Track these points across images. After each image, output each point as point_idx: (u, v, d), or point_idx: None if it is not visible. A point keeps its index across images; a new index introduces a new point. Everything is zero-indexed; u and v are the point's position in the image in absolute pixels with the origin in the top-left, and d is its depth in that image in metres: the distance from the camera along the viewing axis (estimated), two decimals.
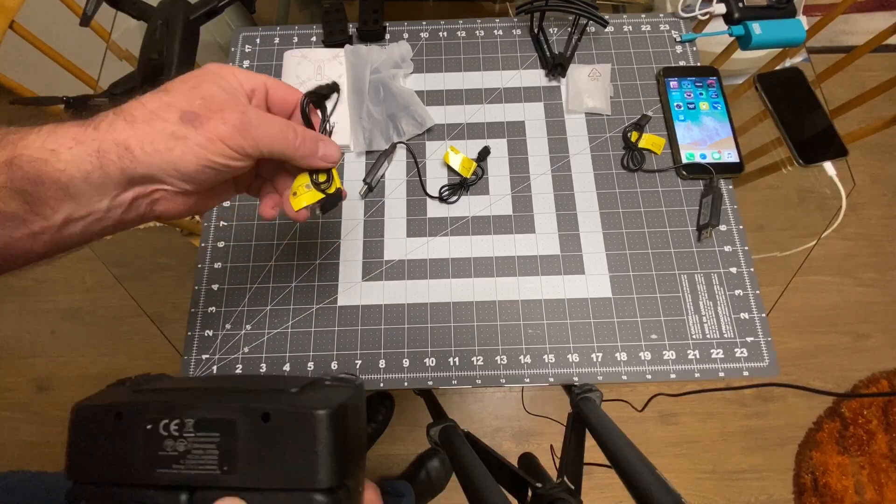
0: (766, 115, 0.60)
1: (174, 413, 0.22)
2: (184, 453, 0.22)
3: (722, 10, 0.60)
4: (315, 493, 0.21)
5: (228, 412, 0.22)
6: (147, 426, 0.22)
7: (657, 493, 0.33)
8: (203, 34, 0.55)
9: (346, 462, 0.22)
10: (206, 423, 0.22)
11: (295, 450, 0.21)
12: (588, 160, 0.57)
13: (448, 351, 0.50)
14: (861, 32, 1.51)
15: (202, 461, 0.22)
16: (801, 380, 1.20)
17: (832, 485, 1.10)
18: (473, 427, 1.19)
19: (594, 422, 0.44)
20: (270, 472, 0.21)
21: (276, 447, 0.21)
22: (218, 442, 0.22)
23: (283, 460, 0.21)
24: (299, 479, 0.21)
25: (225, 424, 0.22)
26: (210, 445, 0.22)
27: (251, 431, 0.22)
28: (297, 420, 0.21)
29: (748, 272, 0.52)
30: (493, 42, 0.63)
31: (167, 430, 0.22)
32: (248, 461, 0.21)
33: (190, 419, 0.22)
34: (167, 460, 0.22)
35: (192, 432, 0.22)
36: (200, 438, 0.22)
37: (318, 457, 0.21)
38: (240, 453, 0.22)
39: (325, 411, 0.22)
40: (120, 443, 0.23)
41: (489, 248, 0.54)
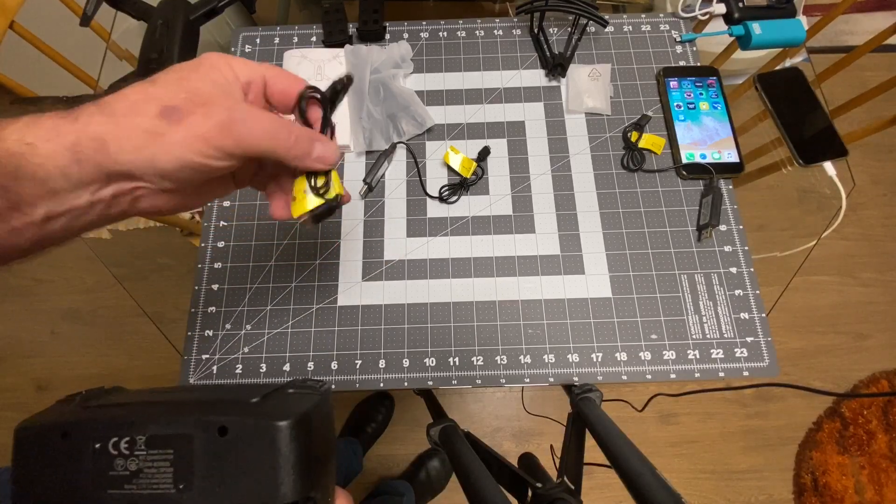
0: (766, 115, 0.60)
1: (124, 430, 0.21)
2: (136, 472, 0.21)
3: (722, 10, 0.60)
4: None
5: (183, 427, 0.21)
6: (95, 445, 0.21)
7: (657, 493, 0.33)
8: (203, 34, 0.55)
9: (310, 474, 0.21)
10: (158, 440, 0.21)
11: (255, 464, 0.20)
12: (588, 160, 0.57)
13: (448, 351, 0.50)
14: (861, 32, 1.51)
15: (155, 480, 0.21)
16: (801, 380, 1.20)
17: (832, 485, 1.10)
18: (473, 427, 1.19)
19: (594, 422, 0.44)
20: (230, 489, 0.20)
21: (235, 462, 0.20)
22: (172, 459, 0.21)
23: (243, 476, 0.20)
24: (261, 494, 0.20)
25: (179, 440, 0.21)
26: (164, 463, 0.21)
27: (207, 446, 0.20)
28: (257, 432, 0.20)
29: (748, 272, 0.52)
30: (493, 42, 0.63)
31: (117, 449, 0.21)
32: (206, 478, 0.20)
33: (141, 436, 0.21)
34: (118, 481, 0.21)
35: (143, 450, 0.21)
36: (153, 456, 0.21)
37: (280, 470, 0.20)
38: (196, 470, 0.20)
39: (286, 422, 0.20)
40: (67, 464, 0.21)
41: (489, 248, 0.54)
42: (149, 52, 0.52)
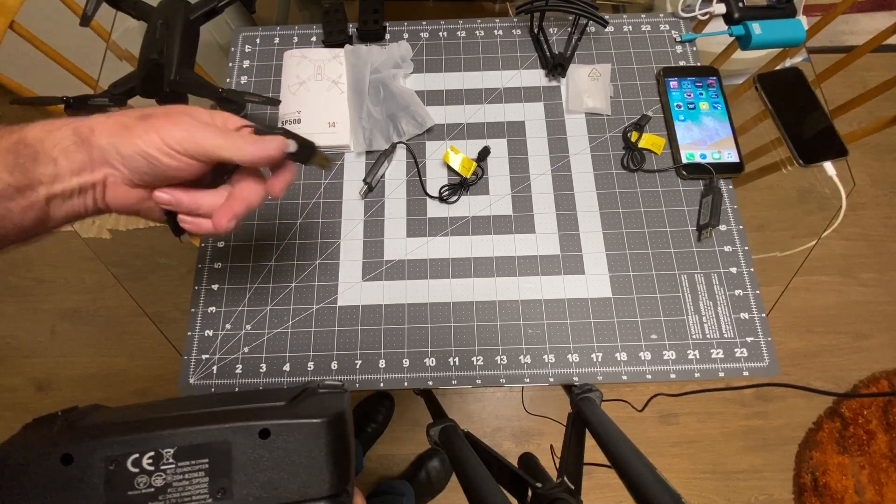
0: (766, 115, 0.60)
1: (145, 445, 0.20)
2: (162, 488, 0.20)
3: (722, 10, 0.60)
4: (321, 501, 0.20)
5: (220, 434, 0.20)
6: (110, 466, 0.20)
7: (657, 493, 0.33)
8: (203, 34, 0.55)
9: (347, 468, 0.22)
10: (189, 451, 0.20)
11: (297, 462, 0.20)
12: (588, 160, 0.57)
13: (448, 351, 0.50)
14: (861, 32, 1.51)
15: (188, 493, 0.20)
16: (801, 380, 1.20)
17: (832, 485, 1.10)
18: (473, 427, 1.19)
19: (594, 422, 0.44)
20: (272, 489, 0.20)
21: (277, 462, 0.20)
22: (207, 468, 0.20)
23: (283, 476, 0.20)
24: (303, 490, 0.20)
25: (215, 448, 0.20)
26: (197, 474, 0.20)
27: (248, 451, 0.20)
28: (299, 432, 0.21)
29: (748, 272, 0.52)
30: (493, 42, 0.63)
31: (138, 466, 0.20)
32: (246, 484, 0.20)
33: (168, 449, 0.20)
34: (141, 499, 0.19)
35: (171, 463, 0.20)
36: (184, 468, 0.20)
37: (324, 465, 0.21)
38: (235, 477, 0.20)
39: (324, 420, 0.21)
40: (72, 492, 0.19)
41: (489, 248, 0.54)
42: (149, 52, 0.52)
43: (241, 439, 0.20)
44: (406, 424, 1.21)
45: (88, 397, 1.25)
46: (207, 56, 0.63)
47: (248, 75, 0.62)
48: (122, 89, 0.54)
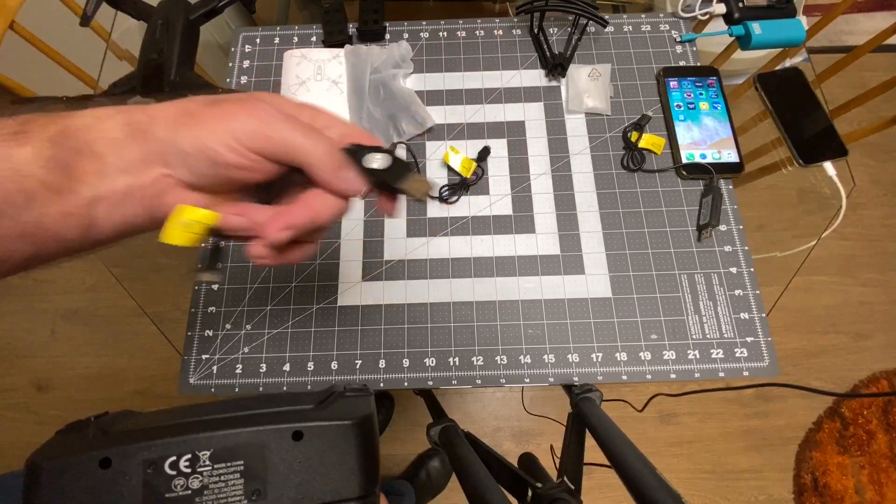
0: (766, 115, 0.60)
1: (182, 448, 0.20)
2: (199, 490, 0.20)
3: (722, 10, 0.60)
4: (352, 501, 0.21)
5: (255, 437, 0.21)
6: (148, 469, 0.20)
7: (657, 493, 0.33)
8: (203, 34, 0.55)
9: (375, 469, 0.22)
10: (226, 453, 0.20)
11: (329, 463, 0.21)
12: (588, 160, 0.57)
13: (448, 351, 0.50)
14: (861, 32, 1.51)
15: (223, 494, 0.20)
16: (801, 380, 1.20)
17: (832, 485, 1.10)
18: (473, 427, 1.19)
19: (594, 422, 0.44)
20: (304, 490, 0.21)
21: (309, 464, 0.21)
22: (242, 470, 0.20)
23: (314, 477, 0.21)
24: (334, 491, 0.21)
25: (250, 450, 0.21)
26: (233, 476, 0.20)
27: (281, 453, 0.21)
28: (331, 434, 0.21)
29: (748, 272, 0.52)
30: (493, 42, 0.63)
31: (175, 468, 0.20)
32: (279, 485, 0.21)
33: (205, 451, 0.20)
34: (179, 501, 0.20)
35: (208, 465, 0.20)
36: (220, 470, 0.20)
37: (354, 466, 0.21)
38: (269, 478, 0.21)
39: (355, 421, 0.22)
40: (110, 495, 0.19)
41: (489, 248, 0.54)
42: (149, 52, 0.52)
43: (275, 441, 0.21)
44: (406, 424, 1.21)
45: (88, 397, 1.25)
46: (207, 56, 0.63)
47: (248, 75, 0.62)
48: (122, 89, 0.54)
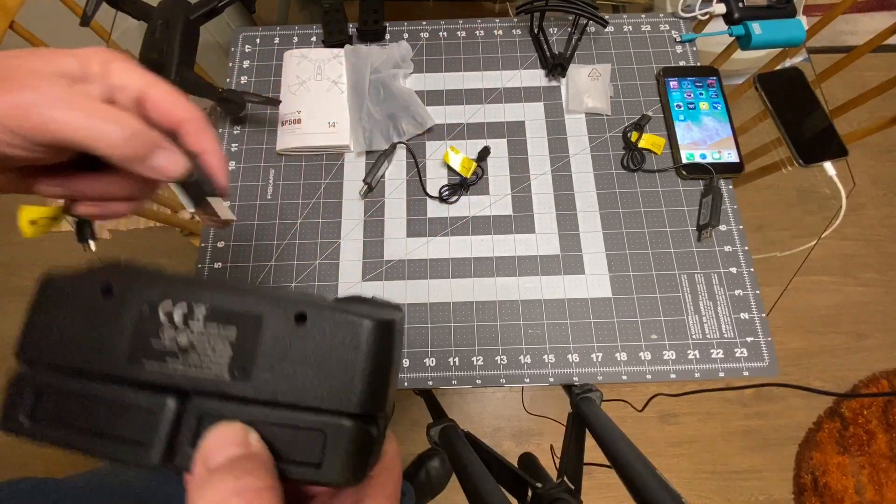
0: (766, 115, 0.60)
1: (183, 294, 0.18)
2: (184, 349, 0.18)
3: (722, 10, 0.60)
4: (345, 417, 0.17)
5: (255, 305, 0.18)
6: (143, 307, 0.18)
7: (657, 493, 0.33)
8: (203, 34, 0.55)
9: (385, 391, 0.18)
10: (222, 314, 0.18)
11: (330, 363, 0.17)
12: (588, 160, 0.57)
13: (448, 351, 0.50)
14: (861, 32, 1.51)
15: (207, 361, 0.18)
16: (801, 380, 1.20)
17: (832, 485, 1.10)
18: (473, 427, 1.19)
19: (594, 422, 0.44)
20: (293, 386, 0.17)
21: (306, 357, 0.18)
22: (234, 340, 0.18)
23: (311, 374, 0.17)
24: (329, 397, 0.17)
25: (247, 320, 0.18)
26: (222, 343, 0.18)
27: (279, 333, 0.18)
28: (340, 328, 0.18)
29: (748, 272, 0.52)
30: (493, 42, 0.63)
31: (169, 317, 0.18)
32: (269, 369, 0.18)
33: (202, 305, 0.18)
34: (160, 354, 0.18)
35: (201, 323, 0.18)
36: (212, 332, 0.18)
37: (359, 375, 0.17)
38: (259, 359, 0.18)
39: (374, 323, 0.18)
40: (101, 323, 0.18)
41: (489, 248, 0.54)
42: (149, 52, 0.52)
43: (274, 316, 0.18)
44: (406, 424, 1.21)
45: None
46: (207, 56, 0.63)
47: (248, 75, 0.62)
48: None
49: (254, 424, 0.17)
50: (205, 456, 0.17)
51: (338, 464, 0.17)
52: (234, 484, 0.15)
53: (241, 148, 0.59)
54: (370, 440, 0.18)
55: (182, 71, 0.51)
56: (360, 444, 0.17)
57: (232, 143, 0.59)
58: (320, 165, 0.58)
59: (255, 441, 0.17)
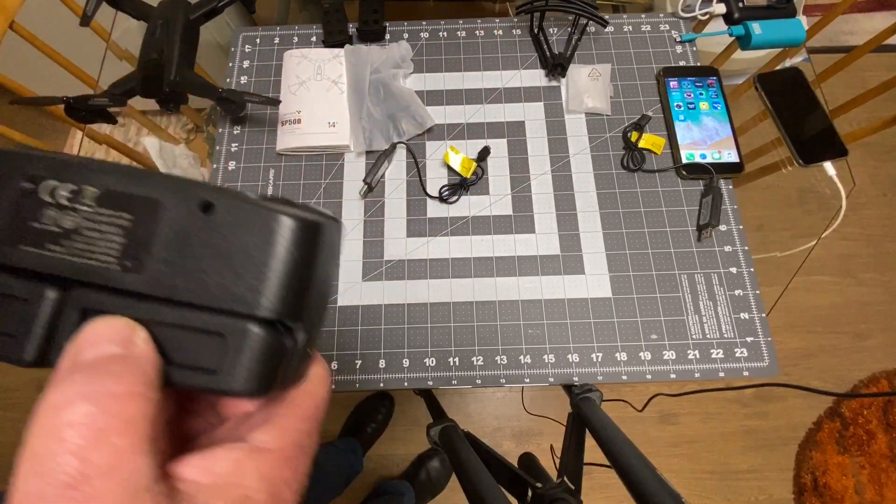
0: (766, 115, 0.60)
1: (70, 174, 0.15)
2: (69, 232, 0.15)
3: (722, 10, 0.60)
4: (252, 321, 0.15)
5: (156, 190, 0.15)
6: (24, 183, 0.16)
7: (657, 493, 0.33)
8: (203, 34, 0.55)
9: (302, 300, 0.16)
10: (117, 199, 0.15)
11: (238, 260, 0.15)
12: (588, 160, 0.57)
13: (448, 351, 0.50)
14: (861, 32, 1.51)
15: (95, 248, 0.15)
16: (801, 380, 1.20)
17: (832, 485, 1.10)
18: (473, 427, 1.19)
19: (594, 422, 0.44)
20: (194, 282, 0.15)
21: (211, 250, 0.15)
22: (128, 227, 0.15)
23: (215, 269, 0.15)
24: (233, 297, 0.15)
25: (144, 205, 0.15)
26: (114, 229, 0.15)
27: (180, 222, 0.15)
28: (253, 222, 0.15)
29: (748, 272, 0.52)
30: (493, 42, 0.63)
31: (53, 196, 0.15)
32: (164, 261, 0.15)
33: (92, 188, 0.15)
34: (40, 237, 0.15)
35: (90, 205, 0.15)
36: (102, 216, 0.15)
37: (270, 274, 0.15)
38: (154, 249, 0.15)
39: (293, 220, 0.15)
40: None
41: (489, 248, 0.54)
42: (149, 52, 0.52)
43: (175, 203, 0.15)
44: (406, 424, 1.20)
45: None
46: (207, 56, 0.63)
47: (248, 75, 0.62)
48: (122, 89, 0.54)
49: (144, 322, 0.15)
50: (75, 350, 0.15)
51: (237, 371, 0.15)
52: (84, 386, 0.13)
53: (241, 148, 0.59)
54: (280, 350, 0.16)
55: (182, 71, 0.51)
56: (265, 352, 0.15)
57: (232, 143, 0.59)
58: (320, 165, 0.58)
59: (141, 341, 0.15)
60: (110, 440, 0.13)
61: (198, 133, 0.71)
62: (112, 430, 0.13)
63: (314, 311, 0.17)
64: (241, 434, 0.16)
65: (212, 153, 0.59)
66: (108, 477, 0.12)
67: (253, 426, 0.16)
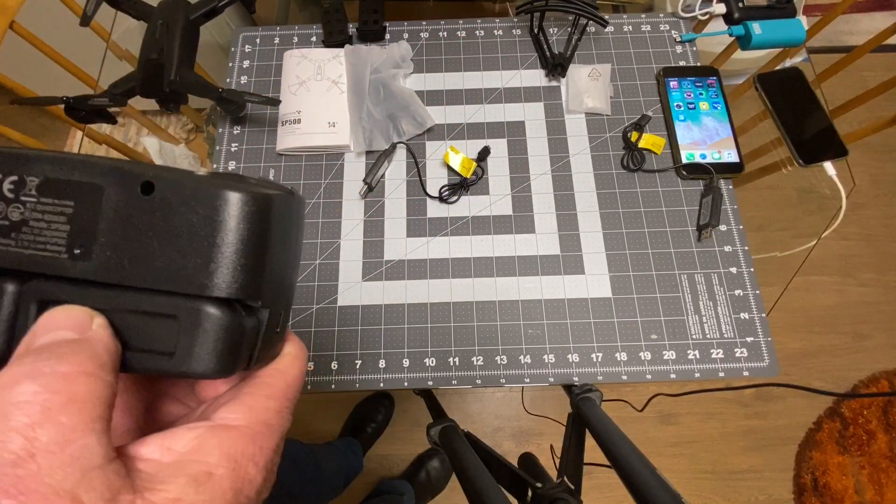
0: (766, 115, 0.60)
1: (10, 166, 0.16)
2: (17, 224, 0.16)
3: (722, 10, 0.60)
4: (206, 301, 0.15)
5: (92, 174, 0.15)
6: None
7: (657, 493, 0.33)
8: (203, 34, 0.55)
9: (259, 276, 0.16)
10: (56, 187, 0.15)
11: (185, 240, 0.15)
12: (588, 160, 0.57)
13: (448, 351, 0.50)
14: (861, 32, 1.51)
15: (42, 238, 0.16)
16: (801, 380, 1.20)
17: (832, 485, 1.10)
18: (473, 427, 1.19)
19: (594, 422, 0.44)
20: (140, 265, 0.15)
21: (157, 233, 0.15)
22: (70, 215, 0.15)
23: (164, 252, 0.15)
24: (184, 278, 0.15)
25: (84, 191, 0.15)
26: (58, 218, 0.15)
27: (122, 206, 0.15)
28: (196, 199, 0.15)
29: (748, 272, 0.52)
30: (493, 42, 0.63)
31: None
32: (112, 247, 0.15)
33: (33, 178, 0.15)
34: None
35: (33, 196, 0.15)
36: (45, 206, 0.15)
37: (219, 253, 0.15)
38: (100, 235, 0.15)
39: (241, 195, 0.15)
40: None
41: (489, 248, 0.54)
42: (149, 52, 0.52)
43: (115, 187, 0.15)
44: (406, 424, 1.20)
45: None
46: (207, 56, 0.63)
47: (248, 75, 0.62)
48: (122, 89, 0.54)
49: (101, 310, 0.16)
50: (30, 338, 0.15)
51: (194, 352, 0.15)
52: (31, 367, 0.13)
53: (241, 148, 0.59)
54: (240, 329, 0.16)
55: (182, 71, 0.51)
56: (222, 331, 0.15)
57: (232, 143, 0.59)
58: (320, 165, 0.58)
59: (98, 327, 0.15)
60: (57, 419, 0.13)
61: (198, 133, 0.71)
62: (58, 408, 0.13)
63: (276, 288, 0.17)
64: (207, 414, 0.16)
65: (212, 153, 0.59)
66: (53, 454, 0.12)
67: (219, 405, 0.16)
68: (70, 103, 0.53)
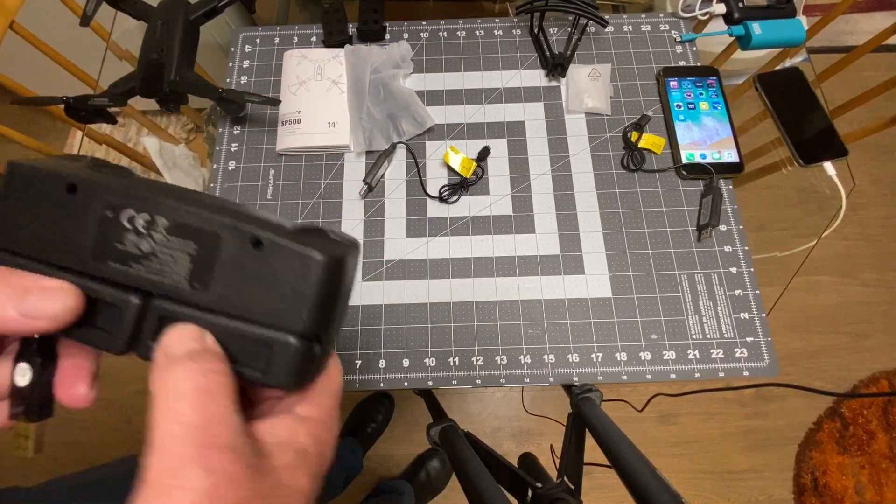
0: (766, 115, 0.60)
1: (144, 206, 0.19)
2: (147, 254, 0.19)
3: (722, 10, 0.60)
4: (291, 334, 0.19)
5: (213, 224, 0.19)
6: (106, 211, 0.19)
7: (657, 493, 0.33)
8: (203, 34, 0.55)
9: (329, 319, 0.20)
10: (182, 229, 0.19)
11: (281, 288, 0.19)
12: (588, 160, 0.57)
13: (448, 351, 0.50)
14: (861, 32, 1.51)
15: (169, 269, 0.19)
16: (801, 380, 1.20)
17: (832, 485, 1.10)
18: (473, 427, 1.19)
19: (594, 422, 0.44)
20: (247, 302, 0.19)
21: (260, 278, 0.19)
22: (193, 255, 0.19)
23: (263, 295, 0.19)
24: (278, 316, 0.19)
25: (206, 237, 0.19)
26: (183, 256, 0.19)
27: (235, 254, 0.19)
28: (294, 259, 0.19)
29: (748, 272, 0.52)
30: (493, 42, 0.63)
31: (132, 224, 0.19)
32: (225, 284, 0.19)
33: (164, 219, 0.19)
34: (125, 256, 0.19)
35: (162, 234, 0.19)
36: (173, 244, 0.19)
37: (307, 303, 0.19)
38: (217, 274, 0.19)
39: (325, 257, 0.19)
40: (66, 219, 0.19)
41: (489, 248, 0.54)
42: (149, 52, 0.52)
43: (231, 238, 0.19)
44: (406, 424, 1.21)
45: None
46: (207, 56, 0.63)
47: (248, 75, 0.62)
48: (122, 89, 0.54)
49: (210, 329, 0.19)
50: (165, 347, 0.19)
51: (281, 372, 0.19)
52: (197, 366, 0.18)
53: (241, 148, 0.59)
54: (311, 356, 0.20)
55: (182, 71, 0.51)
56: (301, 358, 0.19)
57: (232, 143, 0.59)
58: (320, 165, 0.58)
59: (211, 341, 0.19)
60: (219, 400, 0.17)
61: (198, 133, 0.71)
62: (217, 393, 0.18)
63: (336, 323, 0.21)
64: (285, 408, 0.21)
65: (212, 153, 0.59)
66: (222, 424, 0.17)
67: (294, 402, 0.21)
68: (70, 103, 0.53)
